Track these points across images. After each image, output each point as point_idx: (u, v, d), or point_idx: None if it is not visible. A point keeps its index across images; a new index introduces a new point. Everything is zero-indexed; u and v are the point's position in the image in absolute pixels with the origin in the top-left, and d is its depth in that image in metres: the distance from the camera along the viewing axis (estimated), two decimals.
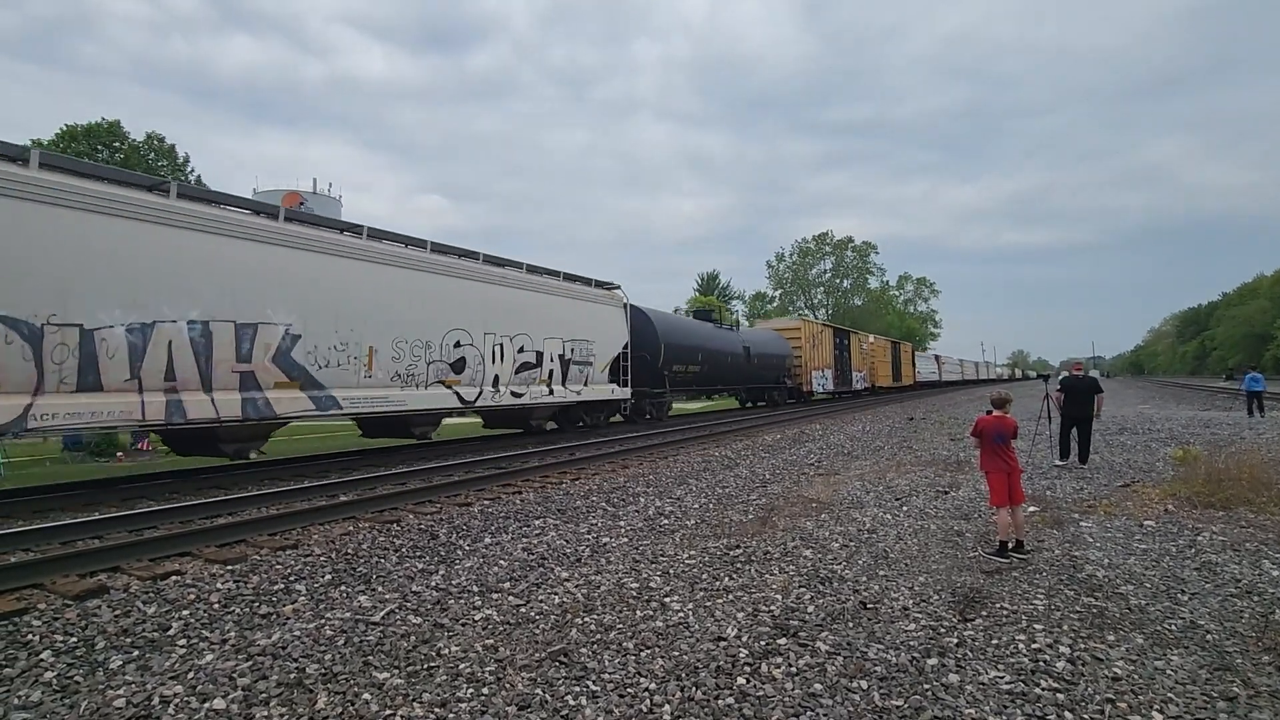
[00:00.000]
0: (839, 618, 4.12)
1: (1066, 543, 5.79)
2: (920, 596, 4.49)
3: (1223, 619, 4.09)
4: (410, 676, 3.41)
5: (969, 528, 6.32)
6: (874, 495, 8.01)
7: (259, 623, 4.15)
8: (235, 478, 9.87)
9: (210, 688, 3.27)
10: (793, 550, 5.62)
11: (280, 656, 3.62)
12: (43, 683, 3.33)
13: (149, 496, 8.51)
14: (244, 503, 7.74)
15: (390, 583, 4.92)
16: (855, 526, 6.41)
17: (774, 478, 9.51)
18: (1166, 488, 7.98)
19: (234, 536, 6.18)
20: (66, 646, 3.77)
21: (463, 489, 8.74)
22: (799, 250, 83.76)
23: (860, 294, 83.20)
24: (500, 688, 3.28)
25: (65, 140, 35.77)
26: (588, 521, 6.85)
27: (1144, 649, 3.67)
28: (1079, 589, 4.62)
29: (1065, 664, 3.48)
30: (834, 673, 3.39)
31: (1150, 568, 5.09)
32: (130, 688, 3.27)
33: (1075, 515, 6.83)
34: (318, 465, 11.30)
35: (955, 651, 3.63)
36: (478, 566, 5.30)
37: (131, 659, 3.61)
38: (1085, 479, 8.91)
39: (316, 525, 6.79)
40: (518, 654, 3.65)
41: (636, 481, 9.29)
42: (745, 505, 7.56)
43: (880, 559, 5.35)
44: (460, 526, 6.67)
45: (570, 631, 3.96)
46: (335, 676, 3.40)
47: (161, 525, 6.78)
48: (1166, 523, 6.45)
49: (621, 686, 3.28)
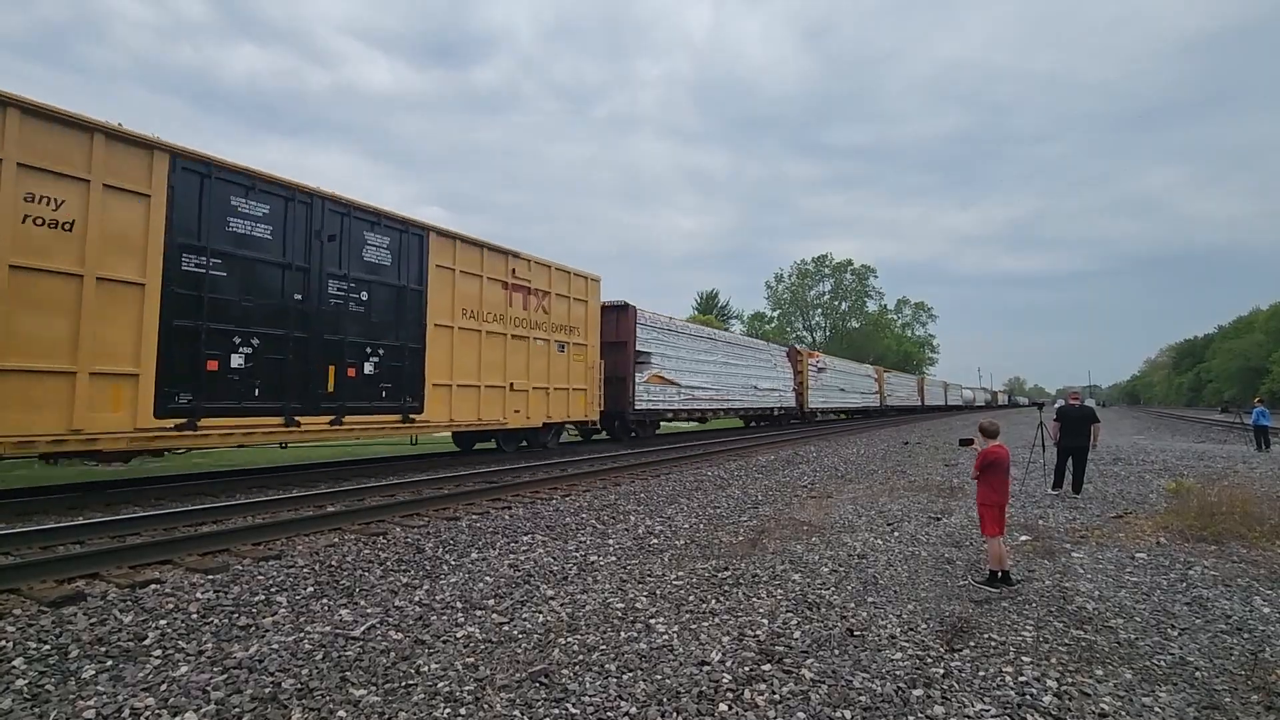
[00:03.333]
0: (825, 644, 4.07)
1: (1057, 573, 5.74)
2: (908, 625, 4.44)
3: (1212, 656, 4.04)
4: (387, 694, 3.35)
5: (960, 555, 6.28)
6: (866, 519, 7.96)
7: (237, 634, 4.08)
8: (224, 484, 9.79)
9: (183, 700, 3.21)
10: (781, 574, 5.56)
11: (256, 670, 3.56)
12: (13, 690, 3.27)
13: (135, 502, 8.43)
14: (230, 510, 7.66)
15: (373, 596, 4.86)
16: (845, 551, 6.36)
17: (766, 499, 9.45)
18: (1159, 519, 7.94)
19: (217, 545, 6.10)
20: (39, 654, 3.70)
21: (452, 503, 8.67)
22: (798, 271, 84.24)
23: (858, 317, 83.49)
24: (478, 708, 3.22)
25: None
26: (576, 539, 6.79)
27: (1132, 684, 3.63)
28: (1068, 621, 4.58)
29: (1052, 698, 3.43)
30: (818, 701, 3.34)
31: (1140, 601, 5.04)
32: (101, 698, 3.21)
33: (1067, 545, 6.79)
34: (307, 475, 11.22)
35: (941, 683, 3.58)
36: (462, 582, 5.24)
37: (105, 668, 3.54)
38: (1078, 509, 8.87)
39: (302, 536, 6.72)
40: (498, 673, 3.60)
41: (627, 499, 9.23)
42: (736, 526, 7.51)
43: (869, 585, 5.31)
44: (447, 541, 6.61)
45: (553, 652, 3.90)
46: (311, 692, 3.34)
47: (145, 531, 6.70)
48: (1158, 555, 6.41)
49: (601, 710, 3.23)
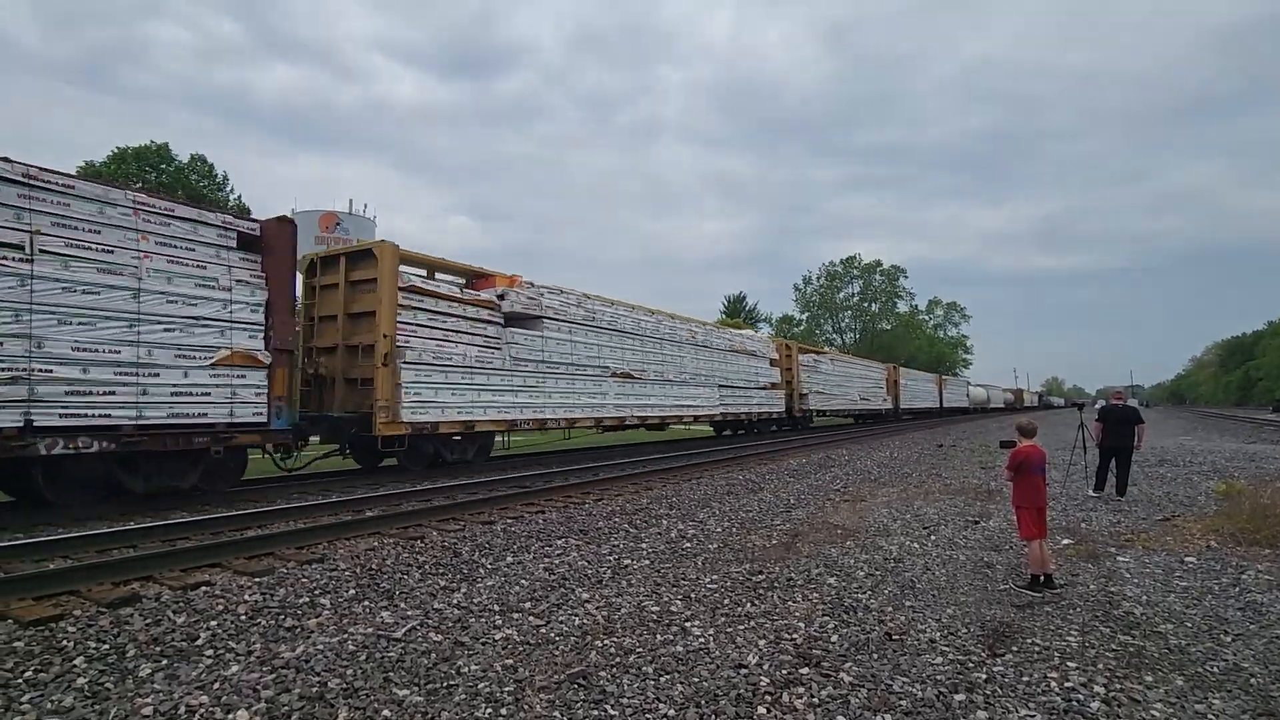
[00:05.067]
0: (863, 648, 4.03)
1: (1102, 577, 5.60)
2: (948, 629, 4.38)
3: (1268, 662, 3.91)
4: (430, 694, 3.41)
5: (999, 559, 6.16)
6: (901, 523, 7.86)
7: (284, 635, 4.20)
8: (264, 490, 10.05)
9: (235, 699, 3.31)
10: (817, 577, 5.53)
11: (303, 670, 3.66)
12: (75, 688, 3.41)
13: (181, 508, 8.70)
14: (272, 516, 7.87)
15: (413, 599, 4.95)
16: (881, 555, 6.29)
17: (799, 503, 9.39)
18: (1209, 522, 7.69)
19: (262, 549, 6.28)
20: (99, 653, 3.85)
21: (486, 507, 8.78)
22: (826, 273, 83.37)
23: (889, 318, 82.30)
24: (519, 709, 3.27)
25: (116, 162, 37.32)
26: (609, 543, 6.83)
27: (1184, 691, 3.53)
28: (1115, 626, 4.47)
29: (1100, 704, 3.35)
30: (857, 705, 3.31)
31: (1191, 606, 4.90)
32: (158, 696, 3.33)
33: (1112, 549, 6.62)
34: (345, 480, 11.46)
35: (984, 687, 3.53)
36: (499, 585, 5.31)
37: (160, 667, 3.68)
38: (1122, 512, 8.63)
39: (342, 540, 6.87)
40: (537, 675, 3.64)
41: (659, 503, 9.24)
42: (769, 530, 7.47)
43: (907, 589, 5.24)
44: (483, 544, 6.70)
45: (590, 654, 3.94)
46: (356, 692, 3.42)
47: (193, 536, 6.92)
48: (1209, 559, 6.21)
49: (640, 712, 3.25)
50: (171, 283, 8.36)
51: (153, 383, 8.09)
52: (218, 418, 8.71)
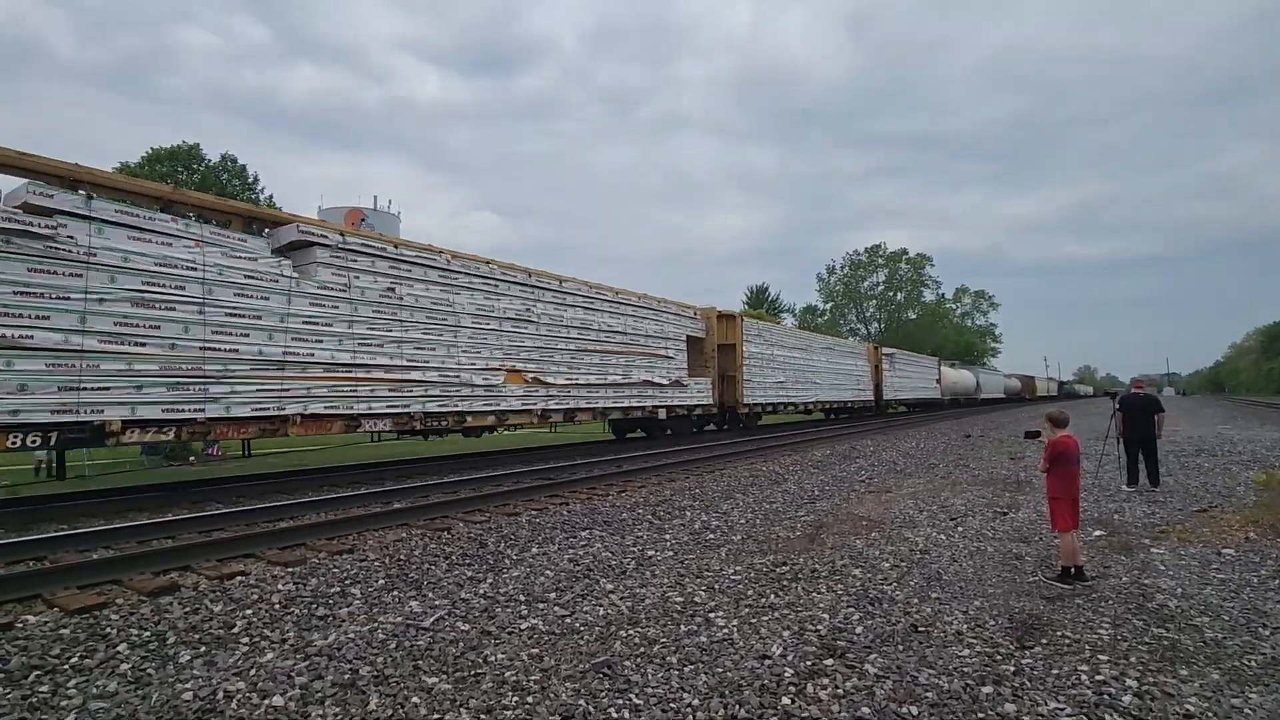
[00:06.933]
0: (888, 640, 4.01)
1: (1135, 570, 5.49)
2: (975, 621, 4.33)
3: None
4: (458, 682, 3.48)
5: (1029, 551, 6.07)
6: (927, 514, 7.77)
7: (316, 624, 4.31)
8: (296, 483, 10.27)
9: (270, 685, 3.41)
10: (841, 569, 5.50)
11: (335, 657, 3.75)
12: (119, 674, 3.54)
13: (217, 500, 8.94)
14: (304, 508, 8.05)
15: (440, 589, 5.04)
16: (907, 546, 6.24)
17: (823, 494, 9.34)
18: (1248, 514, 7.48)
19: (294, 540, 6.43)
20: (141, 640, 3.99)
21: (511, 499, 8.88)
22: (850, 263, 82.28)
23: (914, 307, 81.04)
24: (545, 697, 3.32)
25: (150, 163, 38.13)
26: (633, 534, 6.87)
27: (1220, 685, 3.45)
28: (1148, 619, 4.38)
29: (1132, 698, 3.30)
30: (882, 697, 3.30)
31: (1228, 599, 4.78)
32: (197, 682, 3.44)
33: (1145, 541, 6.48)
34: (374, 473, 11.67)
35: (1012, 680, 3.49)
36: (525, 576, 5.38)
37: (199, 654, 3.80)
38: (1156, 503, 8.44)
39: (371, 531, 7.00)
40: (562, 664, 3.69)
41: (682, 495, 9.26)
42: (793, 521, 7.45)
43: (933, 580, 5.19)
44: (509, 536, 6.78)
45: (614, 644, 3.97)
46: (387, 679, 3.50)
47: (228, 527, 7.11)
48: (1247, 551, 6.05)
49: (664, 701, 3.27)
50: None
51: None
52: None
